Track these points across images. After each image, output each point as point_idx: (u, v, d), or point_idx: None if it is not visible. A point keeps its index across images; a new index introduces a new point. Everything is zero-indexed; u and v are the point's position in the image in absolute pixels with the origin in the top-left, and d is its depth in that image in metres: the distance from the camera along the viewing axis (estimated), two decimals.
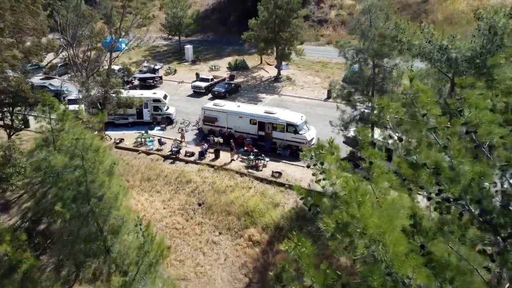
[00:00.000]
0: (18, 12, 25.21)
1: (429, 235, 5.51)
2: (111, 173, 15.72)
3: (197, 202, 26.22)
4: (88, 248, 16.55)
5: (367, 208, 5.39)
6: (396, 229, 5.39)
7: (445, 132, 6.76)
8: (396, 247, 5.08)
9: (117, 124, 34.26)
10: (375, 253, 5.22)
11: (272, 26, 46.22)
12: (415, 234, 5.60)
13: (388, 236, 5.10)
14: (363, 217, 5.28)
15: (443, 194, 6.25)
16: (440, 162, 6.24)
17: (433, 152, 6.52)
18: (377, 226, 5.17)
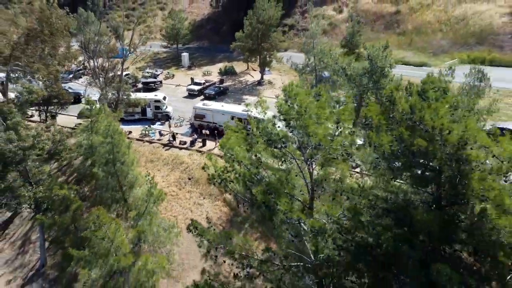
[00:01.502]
0: (55, 36, 34.87)
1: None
2: (129, 147, 25.39)
3: (188, 177, 35.86)
4: (113, 196, 26.20)
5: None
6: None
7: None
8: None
9: (126, 120, 43.91)
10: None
11: (255, 38, 55.84)
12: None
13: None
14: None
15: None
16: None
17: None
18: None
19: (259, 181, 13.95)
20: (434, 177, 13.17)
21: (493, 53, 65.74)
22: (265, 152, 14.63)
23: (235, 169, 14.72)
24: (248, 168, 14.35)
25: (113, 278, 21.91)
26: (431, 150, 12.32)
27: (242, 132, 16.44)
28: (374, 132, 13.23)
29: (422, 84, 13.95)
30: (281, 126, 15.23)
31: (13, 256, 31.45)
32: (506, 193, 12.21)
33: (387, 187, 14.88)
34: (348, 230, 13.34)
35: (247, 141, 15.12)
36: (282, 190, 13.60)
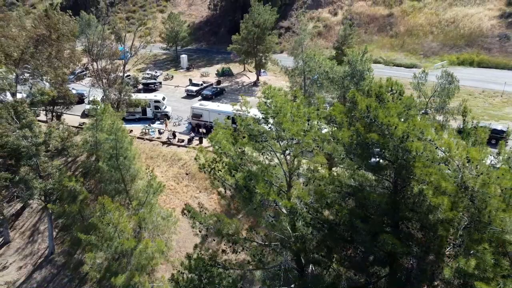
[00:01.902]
0: (61, 40, 37.62)
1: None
2: (131, 143, 28.12)
3: (185, 173, 38.61)
4: (116, 189, 28.90)
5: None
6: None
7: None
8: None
9: (127, 119, 46.58)
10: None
11: (251, 41, 58.53)
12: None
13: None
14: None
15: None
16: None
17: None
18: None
19: (242, 169, 16.64)
20: (387, 165, 15.88)
21: (482, 55, 68.51)
22: (247, 145, 17.31)
23: (222, 160, 17.42)
24: (233, 159, 17.03)
25: (116, 260, 24.62)
26: (382, 142, 15.02)
27: (229, 128, 19.18)
28: (337, 128, 15.90)
29: (379, 87, 16.65)
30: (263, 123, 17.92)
31: (23, 245, 34.20)
32: (443, 177, 14.94)
33: (353, 175, 17.62)
34: (316, 210, 16.03)
35: (233, 136, 17.82)
36: (261, 177, 16.26)
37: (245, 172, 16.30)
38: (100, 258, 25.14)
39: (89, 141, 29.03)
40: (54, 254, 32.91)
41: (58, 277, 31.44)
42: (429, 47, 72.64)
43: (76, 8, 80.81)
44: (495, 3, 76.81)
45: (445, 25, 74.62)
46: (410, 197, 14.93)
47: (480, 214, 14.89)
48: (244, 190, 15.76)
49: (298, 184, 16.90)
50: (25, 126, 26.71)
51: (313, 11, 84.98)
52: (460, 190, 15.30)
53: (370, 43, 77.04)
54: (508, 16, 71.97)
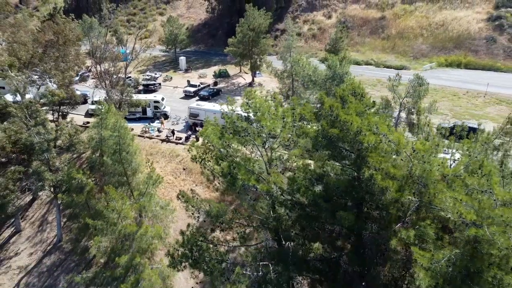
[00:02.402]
0: (67, 45, 40.90)
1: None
2: (132, 139, 31.40)
3: (183, 168, 41.88)
4: (119, 181, 32.14)
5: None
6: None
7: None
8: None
9: (128, 118, 49.83)
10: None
11: (246, 44, 61.82)
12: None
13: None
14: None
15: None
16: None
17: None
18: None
19: (227, 159, 19.87)
20: (347, 155, 19.13)
21: (469, 57, 71.78)
22: (233, 140, 20.52)
23: (211, 151, 20.64)
24: (220, 151, 20.26)
25: (120, 243, 27.83)
26: (342, 136, 18.26)
27: (218, 125, 22.44)
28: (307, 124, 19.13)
29: (342, 90, 19.90)
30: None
31: (33, 234, 37.51)
32: (393, 165, 18.19)
33: (322, 164, 20.88)
34: (288, 193, 19.28)
35: (220, 131, 21.06)
36: (243, 166, 19.43)
37: (229, 162, 19.55)
38: (105, 242, 28.42)
39: (94, 138, 32.27)
40: (62, 241, 36.19)
41: (66, 262, 34.73)
42: (419, 49, 75.87)
43: (78, 11, 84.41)
44: (483, 6, 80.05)
45: (435, 28, 77.85)
46: (363, 181, 18.14)
47: (422, 196, 18.15)
48: (229, 176, 19.01)
49: (275, 172, 20.10)
50: (38, 124, 30.03)
51: (308, 14, 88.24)
52: (408, 176, 18.56)
53: (363, 45, 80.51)
54: (495, 19, 75.21)
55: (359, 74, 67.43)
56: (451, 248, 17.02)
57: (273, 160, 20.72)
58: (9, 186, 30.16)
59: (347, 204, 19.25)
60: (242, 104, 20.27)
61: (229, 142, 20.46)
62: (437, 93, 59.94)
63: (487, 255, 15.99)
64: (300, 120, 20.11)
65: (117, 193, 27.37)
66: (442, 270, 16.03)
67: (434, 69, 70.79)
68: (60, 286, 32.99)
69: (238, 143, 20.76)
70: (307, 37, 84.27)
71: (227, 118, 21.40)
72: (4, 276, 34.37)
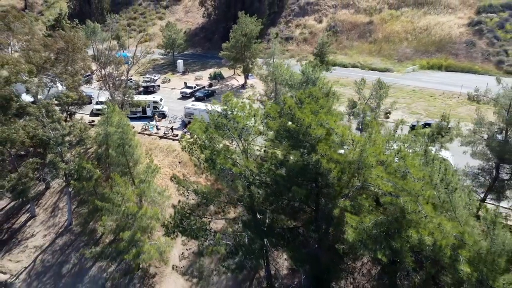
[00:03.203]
0: (76, 52, 46.60)
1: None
2: (134, 134, 37.04)
3: (178, 161, 47.50)
4: (122, 171, 37.76)
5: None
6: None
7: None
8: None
9: (129, 117, 55.47)
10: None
11: (238, 48, 67.46)
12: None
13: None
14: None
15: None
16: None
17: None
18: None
19: (209, 148, 25.47)
20: (303, 145, 24.70)
21: (449, 60, 77.33)
22: (215, 133, 26.06)
23: (197, 142, 26.21)
24: (204, 141, 25.83)
25: (124, 221, 33.44)
26: (297, 130, 23.84)
27: (204, 121, 28.03)
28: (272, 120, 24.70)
29: (300, 94, 25.47)
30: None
31: (46, 218, 43.17)
32: (335, 152, 23.76)
33: (287, 153, 26.48)
34: (258, 175, 24.85)
35: (205, 126, 26.65)
36: (222, 153, 24.95)
37: (211, 150, 25.17)
38: (111, 221, 34.09)
39: (101, 134, 37.87)
40: (72, 225, 41.84)
41: (76, 242, 40.39)
42: (403, 52, 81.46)
43: (82, 16, 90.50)
44: (465, 12, 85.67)
45: (419, 32, 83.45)
46: (313, 164, 23.70)
47: (359, 176, 23.74)
48: (210, 161, 24.63)
49: (247, 158, 25.68)
50: (54, 121, 35.69)
51: (300, 18, 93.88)
52: (350, 161, 24.14)
53: (351, 48, 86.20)
54: (476, 24, 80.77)
55: (345, 76, 73.21)
56: (378, 215, 22.57)
57: (247, 149, 26.33)
58: (29, 174, 35.84)
59: (303, 183, 24.83)
60: (221, 104, 25.89)
61: (212, 135, 26.05)
62: (415, 94, 65.57)
63: (402, 218, 21.57)
64: (267, 117, 25.70)
65: (121, 179, 33.10)
66: (368, 230, 21.57)
67: (416, 71, 76.35)
68: (71, 262, 38.64)
69: (219, 135, 26.36)
70: (299, 40, 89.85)
71: (210, 116, 27.02)
72: (22, 254, 40.04)
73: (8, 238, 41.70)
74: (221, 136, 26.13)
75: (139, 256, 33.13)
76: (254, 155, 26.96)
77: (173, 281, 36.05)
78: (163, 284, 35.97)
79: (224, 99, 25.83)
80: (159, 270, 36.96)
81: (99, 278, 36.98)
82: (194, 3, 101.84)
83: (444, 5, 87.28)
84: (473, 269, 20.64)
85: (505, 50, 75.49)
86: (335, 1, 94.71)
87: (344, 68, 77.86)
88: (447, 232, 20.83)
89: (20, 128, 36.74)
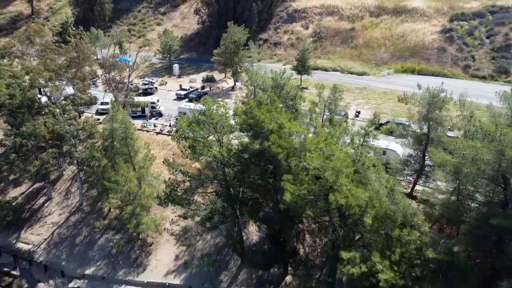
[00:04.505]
0: (85, 60, 55.94)
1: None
2: (135, 129, 46.40)
3: (172, 153, 56.79)
4: (125, 159, 47.05)
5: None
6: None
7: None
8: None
9: (130, 116, 64.81)
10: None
11: (228, 54, 76.77)
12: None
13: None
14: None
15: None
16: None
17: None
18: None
19: (191, 138, 34.72)
20: (261, 135, 33.91)
21: (422, 64, 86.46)
22: (196, 126, 35.27)
23: (183, 134, 35.45)
24: (187, 133, 35.07)
25: (126, 198, 42.66)
26: (255, 124, 33.06)
27: (188, 117, 37.28)
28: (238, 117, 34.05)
29: (259, 98, 34.65)
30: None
31: (61, 200, 52.52)
32: (285, 140, 32.99)
33: (251, 142, 35.77)
34: (227, 157, 34.07)
35: (189, 122, 35.89)
36: (201, 141, 34.12)
37: (193, 139, 34.43)
38: (116, 199, 43.41)
39: (107, 129, 47.16)
40: (83, 205, 51.14)
41: (86, 219, 49.71)
42: (380, 57, 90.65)
43: (85, 23, 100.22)
44: (439, 19, 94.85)
45: (396, 38, 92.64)
46: (266, 149, 32.88)
47: (301, 158, 32.96)
48: (191, 148, 33.90)
49: (221, 146, 34.90)
50: (71, 118, 45.11)
51: (288, 25, 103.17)
52: (296, 147, 33.35)
53: (334, 53, 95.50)
54: (447, 32, 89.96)
55: (325, 79, 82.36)
56: (313, 186, 31.74)
57: (221, 139, 35.60)
58: (50, 161, 45.20)
59: (261, 164, 34.08)
60: (202, 103, 35.24)
61: (193, 128, 35.32)
62: (386, 96, 74.73)
63: (328, 186, 30.77)
64: (235, 115, 34.94)
65: (125, 165, 42.44)
66: (303, 195, 30.71)
67: (391, 75, 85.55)
68: (83, 234, 47.93)
69: (199, 128, 35.65)
70: (287, 46, 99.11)
71: (193, 113, 36.31)
72: (42, 228, 49.40)
73: (29, 217, 51.08)
74: (201, 129, 35.39)
75: (138, 226, 42.43)
76: (227, 143, 36.20)
77: (166, 249, 45.34)
78: (158, 251, 45.26)
79: (203, 101, 35.10)
80: (155, 240, 46.22)
81: (106, 246, 46.26)
82: (190, 10, 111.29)
83: (420, 13, 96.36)
84: (375, 222, 29.89)
85: (472, 56, 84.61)
86: (321, 9, 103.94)
87: (326, 72, 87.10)
88: (358, 196, 30.00)
89: (42, 124, 46.07)
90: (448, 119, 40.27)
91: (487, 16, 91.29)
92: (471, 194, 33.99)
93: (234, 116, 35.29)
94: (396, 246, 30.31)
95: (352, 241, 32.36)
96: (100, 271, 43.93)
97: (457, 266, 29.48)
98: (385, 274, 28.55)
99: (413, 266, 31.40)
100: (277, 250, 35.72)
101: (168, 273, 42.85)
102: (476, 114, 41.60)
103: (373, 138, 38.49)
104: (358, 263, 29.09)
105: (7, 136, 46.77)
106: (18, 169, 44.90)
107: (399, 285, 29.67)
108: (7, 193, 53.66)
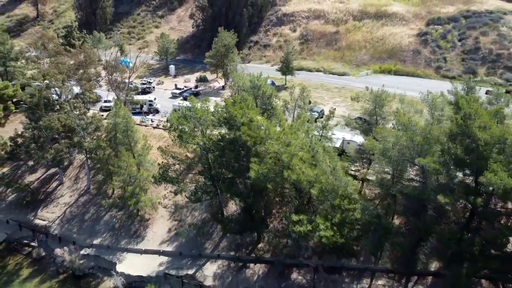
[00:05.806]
0: (91, 64, 65.77)
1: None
2: (134, 123, 56.31)
3: (167, 145, 66.62)
4: (126, 148, 56.91)
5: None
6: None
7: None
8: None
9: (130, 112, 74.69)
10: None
11: (219, 57, 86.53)
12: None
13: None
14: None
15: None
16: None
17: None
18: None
19: (180, 129, 44.49)
20: (235, 127, 43.67)
21: (398, 65, 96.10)
22: (183, 120, 45.01)
23: (173, 126, 45.21)
24: (177, 125, 44.81)
25: (128, 180, 52.43)
26: (229, 118, 42.81)
27: (178, 112, 47.10)
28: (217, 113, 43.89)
29: (235, 97, 44.38)
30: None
31: (71, 184, 62.49)
32: (255, 132, 42.82)
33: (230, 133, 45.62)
34: (208, 144, 43.86)
35: (178, 116, 45.65)
36: (188, 132, 43.86)
37: (180, 130, 44.22)
38: (119, 181, 53.36)
39: (111, 123, 56.99)
40: (90, 188, 61.10)
41: (93, 200, 59.67)
42: (361, 59, 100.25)
43: (88, 26, 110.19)
44: (417, 23, 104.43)
45: (376, 41, 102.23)
46: (238, 138, 42.61)
47: (265, 144, 42.74)
48: (179, 137, 43.75)
49: (204, 136, 44.67)
50: (81, 114, 55.04)
51: (277, 28, 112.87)
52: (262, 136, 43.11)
53: (319, 55, 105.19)
54: (423, 35, 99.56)
55: (308, 79, 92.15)
56: (274, 166, 41.47)
57: (204, 130, 45.42)
58: (64, 150, 55.17)
59: (235, 149, 43.90)
60: (189, 102, 45.09)
61: (182, 122, 45.12)
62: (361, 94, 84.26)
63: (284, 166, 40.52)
64: (215, 111, 44.75)
65: (126, 152, 52.38)
66: (264, 172, 40.40)
67: (370, 75, 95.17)
68: (90, 212, 57.89)
69: (187, 122, 45.47)
70: (275, 47, 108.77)
71: (182, 109, 46.15)
72: (55, 208, 59.39)
73: (44, 198, 61.05)
74: (188, 122, 45.22)
75: (138, 203, 52.30)
76: (209, 134, 46.05)
77: (161, 223, 55.27)
78: (154, 225, 55.19)
79: (189, 100, 44.89)
80: (152, 216, 56.13)
81: (110, 221, 56.22)
82: (186, 14, 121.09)
83: (399, 18, 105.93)
84: (320, 193, 39.72)
85: (444, 58, 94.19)
86: (308, 13, 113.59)
87: (310, 72, 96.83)
88: (307, 174, 39.76)
89: (56, 119, 55.98)
90: (389, 114, 50.18)
91: (460, 21, 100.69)
92: (401, 174, 43.75)
93: (214, 112, 45.15)
94: (337, 212, 40.20)
95: (304, 209, 42.23)
96: (105, 241, 53.87)
97: (382, 226, 39.29)
98: (325, 231, 38.47)
99: (353, 229, 41.33)
100: (248, 219, 45.59)
101: (162, 243, 52.79)
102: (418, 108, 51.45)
103: (329, 131, 48.40)
104: (305, 223, 39.00)
105: (26, 129, 56.81)
106: (37, 156, 54.82)
107: (339, 242, 39.64)
108: (25, 178, 63.63)
